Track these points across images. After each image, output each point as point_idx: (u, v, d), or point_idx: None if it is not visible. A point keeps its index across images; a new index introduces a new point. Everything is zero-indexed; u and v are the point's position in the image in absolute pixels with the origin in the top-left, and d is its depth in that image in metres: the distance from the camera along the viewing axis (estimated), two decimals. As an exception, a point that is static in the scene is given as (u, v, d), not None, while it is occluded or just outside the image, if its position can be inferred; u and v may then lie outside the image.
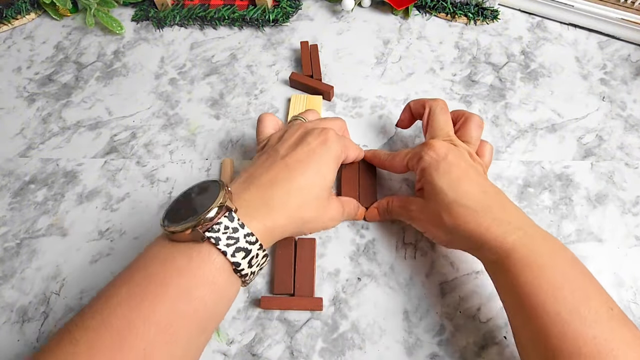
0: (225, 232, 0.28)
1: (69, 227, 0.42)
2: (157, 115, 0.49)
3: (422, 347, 0.36)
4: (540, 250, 0.29)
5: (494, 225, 0.31)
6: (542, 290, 0.28)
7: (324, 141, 0.34)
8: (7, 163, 0.46)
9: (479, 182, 0.33)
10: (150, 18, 0.56)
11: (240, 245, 0.28)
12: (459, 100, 0.49)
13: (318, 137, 0.34)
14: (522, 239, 0.30)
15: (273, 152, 0.35)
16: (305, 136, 0.35)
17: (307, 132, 0.35)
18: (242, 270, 0.29)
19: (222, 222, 0.28)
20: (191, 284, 0.27)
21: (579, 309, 0.27)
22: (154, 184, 0.44)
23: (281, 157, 0.34)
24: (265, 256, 0.31)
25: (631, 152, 0.45)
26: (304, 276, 0.38)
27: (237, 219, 0.28)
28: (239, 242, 0.28)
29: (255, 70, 0.52)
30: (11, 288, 0.39)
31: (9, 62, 0.54)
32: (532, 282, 0.28)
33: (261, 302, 0.36)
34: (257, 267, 0.30)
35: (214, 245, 0.27)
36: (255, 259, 0.29)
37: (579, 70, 0.51)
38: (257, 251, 0.29)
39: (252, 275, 0.30)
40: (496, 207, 0.32)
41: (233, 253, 0.28)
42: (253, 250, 0.29)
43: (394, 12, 0.56)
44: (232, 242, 0.28)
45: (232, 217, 0.28)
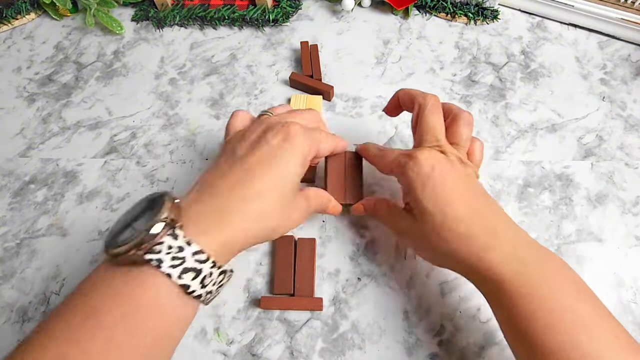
0: (169, 252, 0.25)
1: (69, 227, 0.42)
2: (157, 115, 0.49)
3: (422, 347, 0.36)
4: (536, 278, 0.27)
5: (485, 254, 0.29)
6: (540, 324, 0.26)
7: (286, 138, 0.31)
8: (7, 163, 0.46)
9: (468, 201, 0.30)
10: (150, 18, 0.56)
11: (187, 265, 0.25)
12: (459, 100, 0.49)
13: (279, 133, 0.31)
14: (515, 267, 0.28)
15: (231, 153, 0.32)
16: (266, 133, 0.31)
17: (268, 129, 0.32)
18: (193, 291, 0.26)
19: (164, 241, 0.25)
20: (131, 310, 0.24)
21: (580, 341, 0.25)
22: (154, 184, 0.44)
23: (239, 159, 0.30)
24: (223, 273, 0.28)
25: (631, 152, 0.45)
26: (304, 276, 0.38)
27: (182, 236, 0.26)
28: (186, 262, 0.25)
29: (255, 70, 0.52)
30: (11, 288, 0.39)
31: (9, 62, 0.54)
32: (531, 316, 0.27)
33: (261, 302, 0.36)
34: (215, 286, 0.27)
35: (157, 267, 0.25)
36: (209, 277, 0.26)
37: (579, 70, 0.51)
38: (210, 269, 0.26)
39: (208, 295, 0.27)
40: (488, 232, 0.29)
41: (180, 274, 0.25)
42: (204, 269, 0.26)
43: (394, 12, 0.56)
44: (178, 262, 0.25)
45: (175, 235, 0.25)
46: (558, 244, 0.40)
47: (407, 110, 0.38)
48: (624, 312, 0.37)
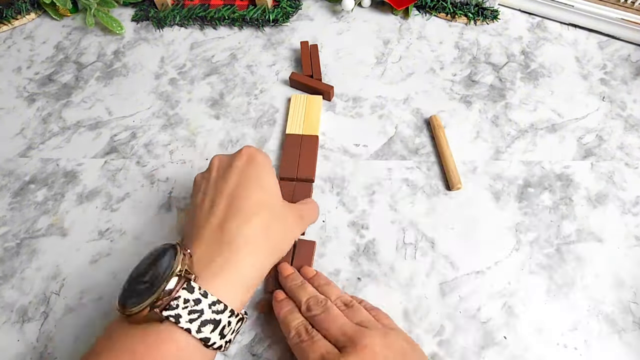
0: (186, 306, 0.24)
1: (69, 227, 0.42)
2: (157, 115, 0.49)
3: (422, 347, 0.36)
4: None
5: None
6: None
7: (250, 158, 0.32)
8: (7, 163, 0.46)
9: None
10: (150, 18, 0.56)
11: (206, 317, 0.25)
12: (459, 100, 0.49)
13: (242, 157, 0.33)
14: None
15: (204, 194, 0.32)
16: (230, 163, 0.33)
17: (227, 160, 0.33)
18: (213, 344, 0.26)
19: (180, 295, 0.25)
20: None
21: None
22: (154, 184, 0.44)
23: (216, 194, 0.31)
24: (241, 320, 0.27)
25: (631, 152, 0.45)
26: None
27: (197, 289, 0.25)
28: (204, 314, 0.25)
29: (255, 70, 0.52)
30: (11, 288, 0.39)
31: (9, 62, 0.54)
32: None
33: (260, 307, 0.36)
34: (234, 334, 0.27)
35: (175, 323, 0.24)
36: (228, 327, 0.26)
37: (579, 70, 0.51)
38: (229, 319, 0.26)
39: (227, 344, 0.27)
40: None
41: (199, 328, 0.25)
42: (223, 319, 0.26)
43: (394, 12, 0.56)
44: (196, 315, 0.25)
45: (191, 288, 0.25)
46: (558, 244, 0.40)
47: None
48: (624, 312, 0.37)
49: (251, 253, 0.28)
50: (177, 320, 0.24)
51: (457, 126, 0.47)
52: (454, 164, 0.43)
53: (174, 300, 0.24)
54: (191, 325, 0.25)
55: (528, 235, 0.40)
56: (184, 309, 0.25)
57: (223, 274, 0.27)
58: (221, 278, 0.27)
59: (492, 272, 0.38)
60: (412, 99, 0.49)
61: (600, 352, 0.35)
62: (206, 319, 0.25)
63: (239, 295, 0.28)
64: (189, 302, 0.25)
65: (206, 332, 0.25)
